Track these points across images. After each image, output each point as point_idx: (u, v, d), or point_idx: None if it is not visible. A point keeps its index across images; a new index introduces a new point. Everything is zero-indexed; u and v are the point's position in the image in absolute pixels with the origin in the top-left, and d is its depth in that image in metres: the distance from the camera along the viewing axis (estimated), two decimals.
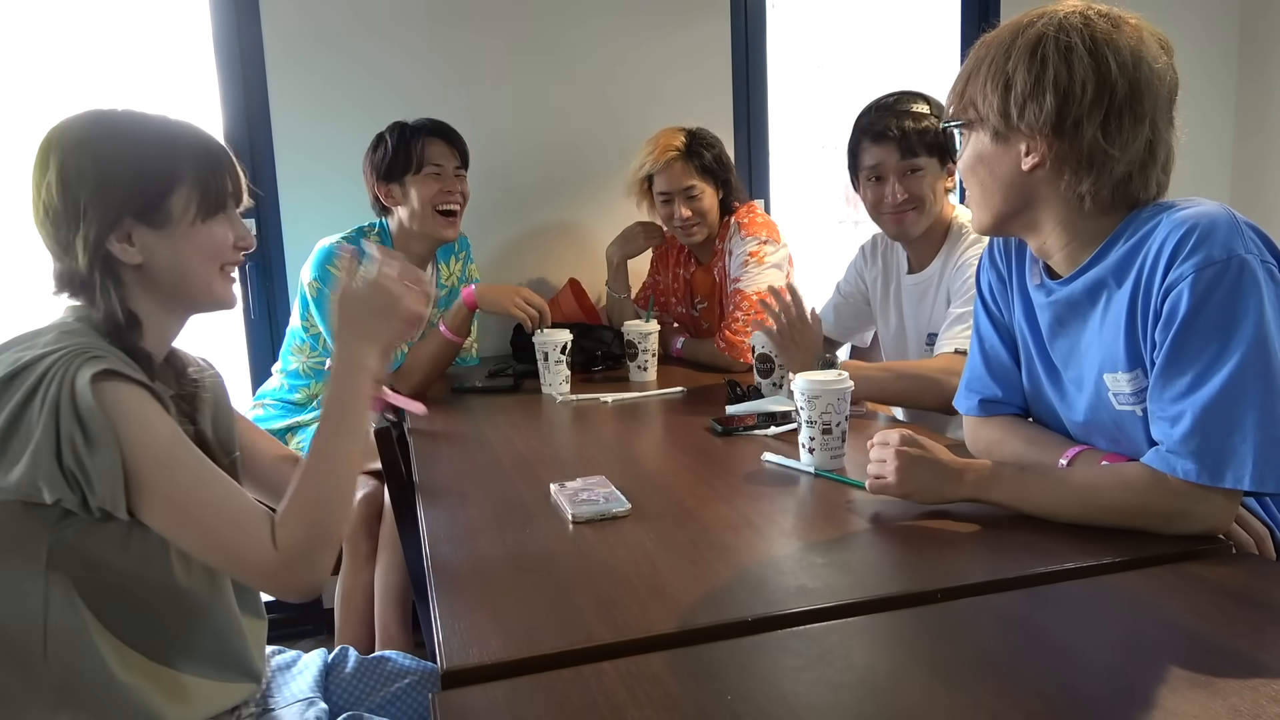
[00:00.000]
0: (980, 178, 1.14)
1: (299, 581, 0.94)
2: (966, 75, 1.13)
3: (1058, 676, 0.76)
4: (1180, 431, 0.99)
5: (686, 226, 2.27)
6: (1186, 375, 0.99)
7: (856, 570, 1.00)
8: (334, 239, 2.07)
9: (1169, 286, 0.99)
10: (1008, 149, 1.10)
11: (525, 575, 1.02)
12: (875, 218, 1.82)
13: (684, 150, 2.26)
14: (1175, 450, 0.99)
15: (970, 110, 1.12)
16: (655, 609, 0.91)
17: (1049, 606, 0.90)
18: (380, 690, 1.21)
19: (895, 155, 1.74)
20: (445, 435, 1.72)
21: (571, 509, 1.17)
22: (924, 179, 1.74)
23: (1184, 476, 0.98)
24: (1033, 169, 1.08)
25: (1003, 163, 1.11)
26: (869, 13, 3.27)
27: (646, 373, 2.08)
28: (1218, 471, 0.96)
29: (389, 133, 2.11)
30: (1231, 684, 0.73)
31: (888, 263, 1.96)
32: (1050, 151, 1.06)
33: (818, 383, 1.33)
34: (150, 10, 2.43)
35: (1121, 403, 1.10)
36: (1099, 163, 1.05)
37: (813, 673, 0.78)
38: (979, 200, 1.16)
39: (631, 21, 2.61)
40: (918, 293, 1.86)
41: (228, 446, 1.14)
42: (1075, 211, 1.09)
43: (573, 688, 0.76)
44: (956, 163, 1.20)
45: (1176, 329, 0.99)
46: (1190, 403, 0.98)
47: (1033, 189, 1.10)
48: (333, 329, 1.07)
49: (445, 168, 2.10)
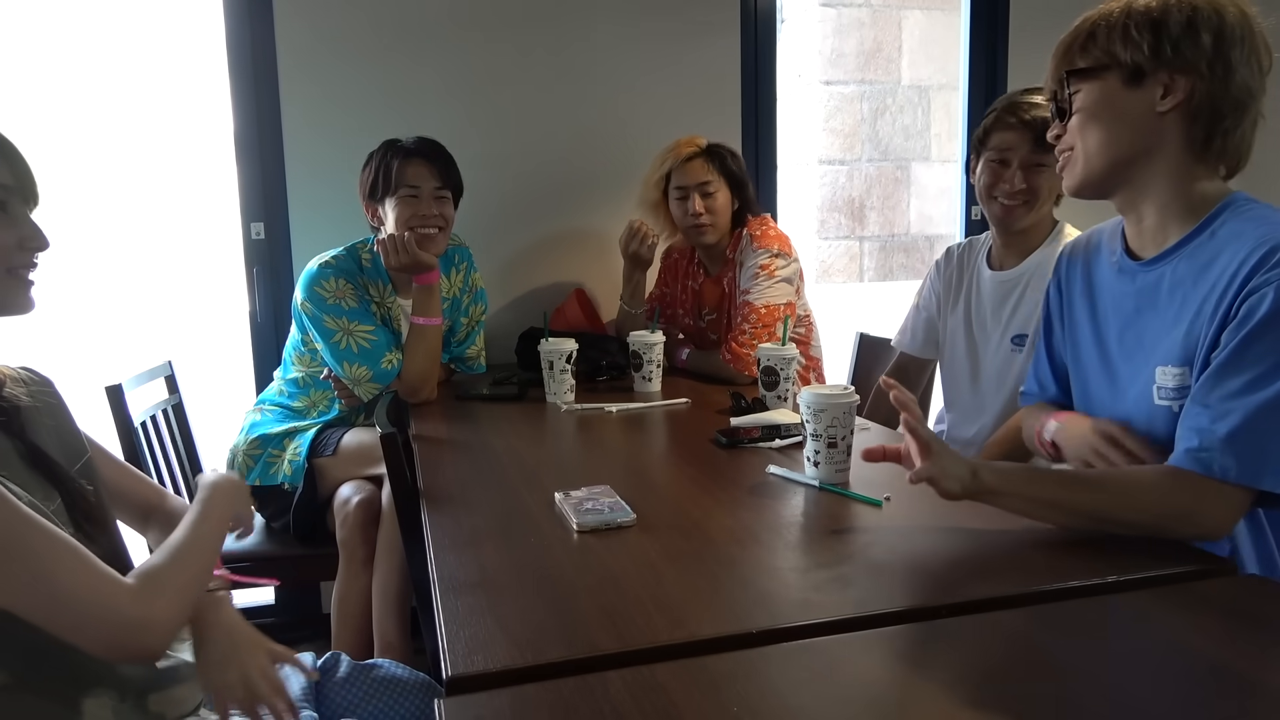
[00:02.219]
0: (1104, 122, 1.14)
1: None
2: (1088, 32, 1.14)
3: (1062, 694, 0.75)
4: (1226, 428, 1.00)
5: (698, 223, 2.27)
6: (1244, 376, 1.01)
7: (861, 585, 1.00)
8: (325, 256, 2.07)
9: (1251, 290, 1.02)
10: (1141, 93, 1.12)
11: (529, 583, 1.02)
12: (985, 201, 1.82)
13: (704, 149, 2.28)
14: (1213, 447, 1.01)
15: (1104, 56, 1.13)
16: (660, 619, 0.91)
17: (1053, 625, 0.90)
18: (373, 700, 1.20)
19: (1028, 144, 1.73)
20: (450, 442, 1.72)
21: (576, 518, 1.18)
22: (1044, 174, 1.74)
23: (1220, 475, 1.00)
24: (1170, 109, 1.10)
25: (1134, 105, 1.12)
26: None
27: (651, 383, 2.08)
28: (1258, 474, 0.99)
29: (377, 151, 2.10)
30: (1236, 705, 0.73)
31: (963, 264, 1.96)
32: (1194, 90, 1.09)
33: (823, 396, 1.34)
34: (165, 17, 2.45)
35: (1162, 397, 1.12)
36: (1242, 104, 1.09)
37: (819, 686, 0.78)
38: (1097, 147, 1.16)
39: (642, 35, 2.62)
40: (1002, 290, 1.84)
41: (72, 455, 1.10)
42: (1189, 163, 1.12)
43: (578, 696, 0.76)
44: (1064, 124, 1.19)
45: (1248, 331, 1.01)
46: (1243, 403, 1.00)
47: (1159, 134, 1.12)
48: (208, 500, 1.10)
49: (422, 189, 2.05)
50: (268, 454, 2.06)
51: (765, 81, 2.78)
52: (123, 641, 0.90)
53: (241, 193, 2.44)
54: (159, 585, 0.94)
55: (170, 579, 0.96)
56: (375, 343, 2.01)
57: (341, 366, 2.00)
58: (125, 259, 4.46)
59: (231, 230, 2.48)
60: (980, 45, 2.96)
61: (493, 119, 2.54)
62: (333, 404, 2.10)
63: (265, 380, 2.40)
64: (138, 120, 3.56)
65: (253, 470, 2.06)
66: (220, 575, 1.13)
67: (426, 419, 1.91)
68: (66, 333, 4.62)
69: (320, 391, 2.11)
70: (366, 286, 2.09)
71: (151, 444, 2.04)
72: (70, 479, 1.05)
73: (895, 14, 5.30)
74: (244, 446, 2.08)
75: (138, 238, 4.37)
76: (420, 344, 2.04)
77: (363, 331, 2.01)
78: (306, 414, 2.12)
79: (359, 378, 2.00)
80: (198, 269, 4.23)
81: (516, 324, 2.50)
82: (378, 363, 2.00)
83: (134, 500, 1.20)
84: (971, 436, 1.88)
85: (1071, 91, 1.17)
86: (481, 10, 2.51)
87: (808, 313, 2.39)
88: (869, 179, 5.34)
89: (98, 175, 4.00)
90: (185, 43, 2.32)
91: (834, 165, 5.39)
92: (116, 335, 4.56)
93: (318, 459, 2.00)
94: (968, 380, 1.92)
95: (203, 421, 2.35)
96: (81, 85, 2.16)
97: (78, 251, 4.20)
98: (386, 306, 2.11)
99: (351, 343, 1.99)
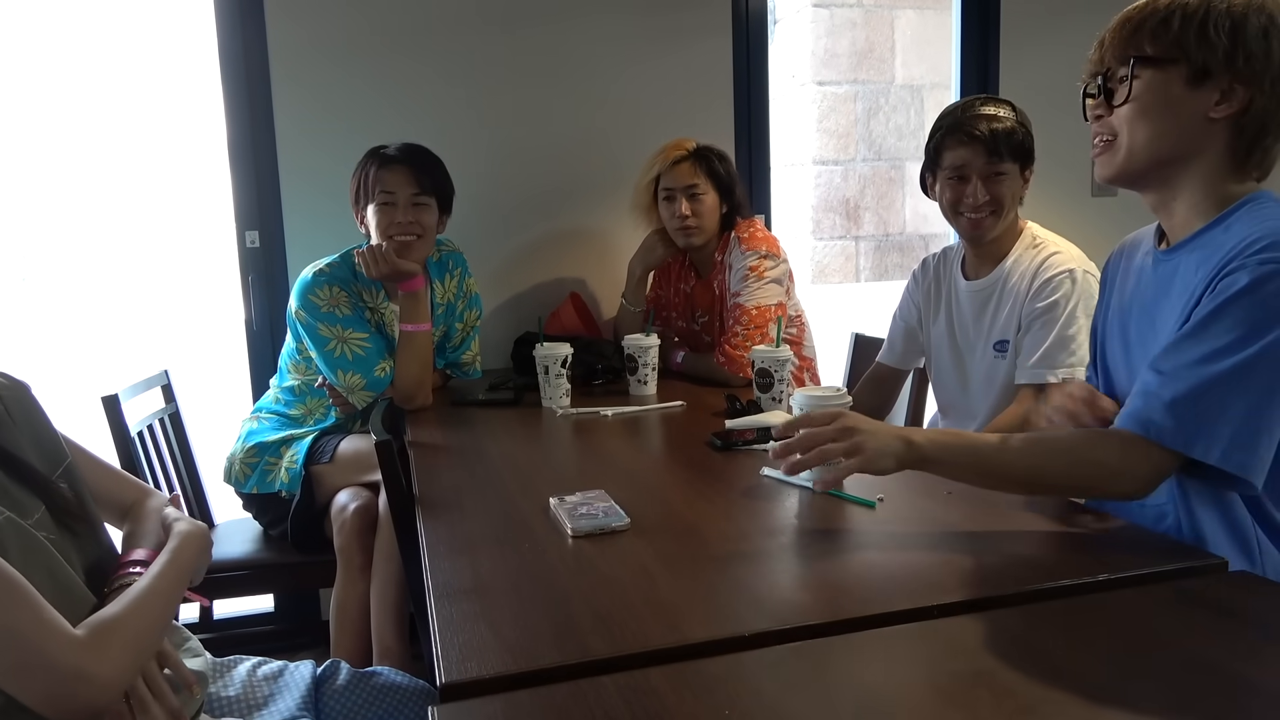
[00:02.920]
0: (1158, 118, 1.13)
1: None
2: (1163, 16, 1.11)
3: (1054, 693, 0.76)
4: (1171, 393, 1.02)
5: (685, 226, 2.28)
6: (1203, 348, 1.03)
7: (854, 586, 1.01)
8: (319, 264, 2.07)
9: (1229, 271, 1.04)
10: (1200, 94, 1.10)
11: (524, 589, 1.02)
12: (952, 217, 1.83)
13: (692, 152, 2.29)
14: (1154, 409, 1.03)
15: (1175, 48, 1.10)
16: (654, 623, 0.91)
17: (1045, 624, 0.90)
18: (372, 707, 1.20)
19: (982, 157, 1.75)
20: (445, 448, 1.72)
21: (570, 523, 1.18)
22: (1005, 182, 1.75)
23: (1155, 436, 1.02)
24: (1222, 117, 1.10)
25: (1189, 106, 1.11)
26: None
27: (646, 386, 2.08)
28: (1190, 441, 1.01)
29: (363, 159, 2.09)
30: (1226, 703, 0.74)
31: (940, 275, 1.97)
32: (1251, 103, 1.09)
33: (817, 398, 1.34)
34: (157, 25, 2.46)
35: None
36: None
37: (810, 689, 0.79)
38: (1143, 142, 1.14)
39: (636, 36, 2.63)
40: (979, 300, 1.86)
41: (52, 460, 1.09)
42: (1228, 170, 1.13)
43: (571, 701, 0.77)
44: (1111, 107, 1.16)
45: (1215, 306, 1.03)
46: (1196, 372, 1.02)
47: (1205, 138, 1.12)
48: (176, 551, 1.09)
49: (398, 195, 2.02)
50: (265, 461, 2.06)
51: (758, 82, 2.79)
52: (60, 693, 0.86)
53: (236, 201, 2.44)
54: (107, 636, 0.91)
55: (121, 630, 0.93)
56: (369, 350, 2.01)
57: (336, 374, 2.00)
58: (121, 268, 4.47)
59: (226, 238, 2.48)
60: (972, 44, 2.97)
61: (486, 123, 2.55)
62: (329, 411, 2.11)
63: (261, 388, 2.40)
64: (133, 129, 3.58)
65: (250, 478, 2.07)
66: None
67: (422, 425, 1.92)
68: (63, 342, 4.62)
69: (316, 399, 2.12)
70: (360, 293, 2.09)
71: (149, 453, 2.05)
72: (50, 484, 1.04)
73: (887, 14, 5.31)
74: (241, 454, 2.08)
75: (133, 247, 4.38)
76: (411, 351, 2.04)
77: (357, 339, 2.01)
78: (303, 422, 2.12)
79: (353, 385, 2.00)
80: (193, 277, 4.24)
81: (512, 329, 2.50)
82: (371, 370, 2.00)
83: (115, 501, 1.18)
84: None
85: (1133, 76, 1.13)
86: (473, 14, 2.51)
87: (799, 313, 2.40)
88: (863, 179, 5.35)
89: (93, 185, 4.02)
90: (178, 51, 2.34)
91: (828, 165, 5.40)
92: (112, 344, 4.56)
93: (315, 466, 2.00)
94: (957, 387, 1.94)
95: (199, 430, 2.35)
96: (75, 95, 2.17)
97: (74, 261, 4.21)
98: (381, 313, 2.11)
99: (346, 350, 2.00)
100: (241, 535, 2.15)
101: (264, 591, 2.22)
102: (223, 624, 2.51)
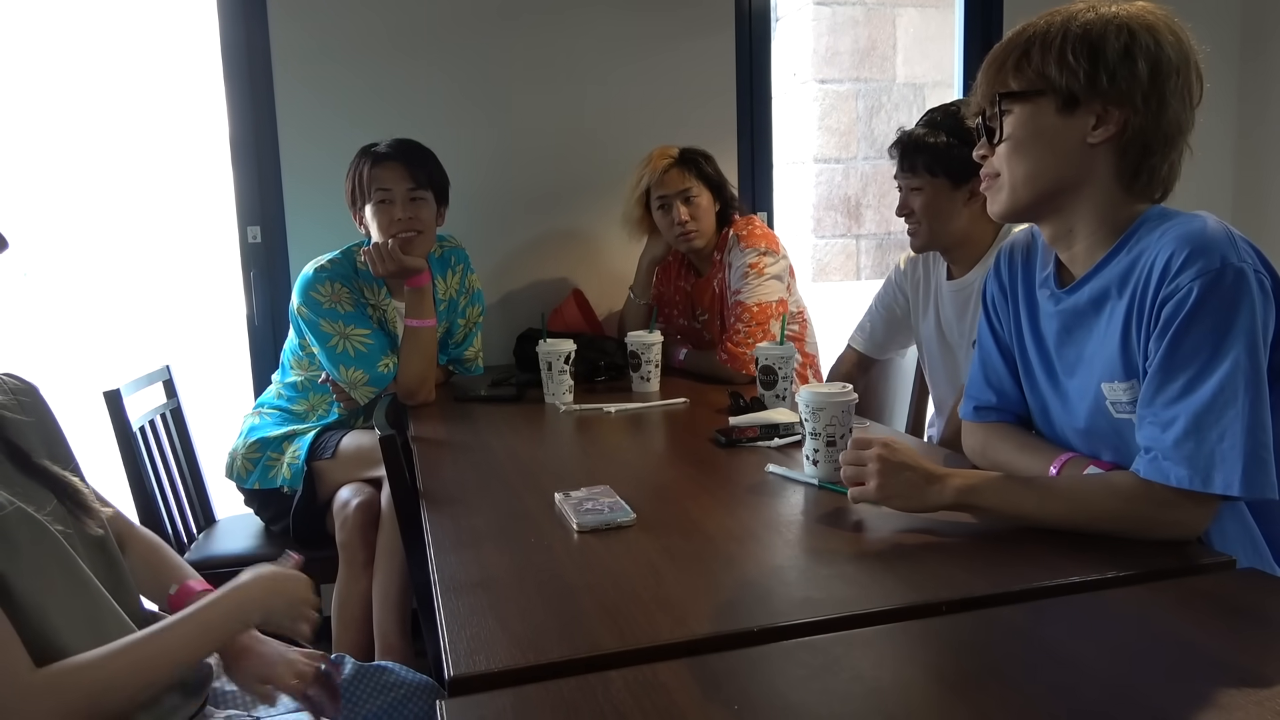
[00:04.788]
0: (1034, 153, 1.11)
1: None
2: (1022, 48, 1.09)
3: (1063, 689, 0.76)
4: (1173, 436, 1.00)
5: (685, 231, 2.28)
6: (1179, 380, 1.01)
7: (861, 582, 1.00)
8: (321, 260, 2.07)
9: (1166, 297, 1.02)
10: (1074, 121, 1.08)
11: (530, 583, 1.02)
12: None
13: (678, 158, 2.29)
14: (1168, 456, 1.01)
15: (1039, 79, 1.08)
16: (661, 618, 0.91)
17: (1054, 620, 0.90)
18: (376, 700, 1.20)
19: (900, 169, 1.76)
20: (449, 444, 1.72)
21: (576, 518, 1.18)
22: (923, 196, 1.75)
23: (1176, 483, 1.00)
24: (1101, 142, 1.08)
25: (1065, 135, 1.09)
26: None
27: (649, 383, 2.08)
28: (1208, 477, 0.99)
29: (355, 159, 2.07)
30: (1236, 697, 0.73)
31: (926, 269, 1.97)
32: (1127, 123, 1.06)
33: (822, 395, 1.34)
34: (159, 21, 2.45)
35: (1119, 411, 1.12)
36: (1171, 139, 1.07)
37: (819, 683, 0.78)
38: (1024, 178, 1.12)
39: (638, 34, 2.62)
40: (960, 300, 1.85)
41: (59, 458, 1.08)
42: (1119, 194, 1.10)
43: (579, 695, 0.76)
44: (992, 146, 1.14)
45: (1172, 334, 1.01)
46: (1183, 407, 1.00)
47: (1089, 165, 1.10)
48: (242, 587, 1.09)
49: (394, 192, 2.00)
50: (267, 457, 2.06)
51: (760, 80, 2.78)
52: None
53: (238, 197, 2.44)
54: (67, 687, 0.89)
55: (88, 682, 0.91)
56: (371, 346, 2.01)
57: (338, 370, 2.00)
58: (122, 263, 4.47)
59: (228, 234, 2.48)
60: (974, 42, 2.97)
61: (488, 120, 2.54)
62: (331, 407, 2.10)
63: (262, 384, 2.40)
64: (135, 125, 3.58)
65: (252, 473, 2.06)
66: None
67: (425, 421, 1.91)
68: (64, 337, 4.62)
69: (319, 395, 2.11)
70: (362, 290, 2.09)
71: (150, 449, 2.04)
72: (62, 477, 1.04)
73: (889, 12, 5.31)
74: (243, 450, 2.08)
75: (135, 242, 4.38)
76: (415, 346, 2.03)
77: (359, 335, 2.01)
78: (305, 417, 2.12)
79: (355, 381, 2.00)
80: (194, 273, 4.24)
81: (513, 325, 2.50)
82: (374, 366, 2.00)
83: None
84: None
85: (1002, 112, 1.12)
86: (475, 12, 2.51)
87: (801, 309, 2.40)
88: (865, 177, 5.35)
89: (94, 180, 4.02)
90: (180, 47, 2.33)
91: (830, 164, 5.40)
92: (113, 339, 4.56)
93: (317, 462, 2.00)
94: (950, 387, 1.93)
95: (200, 425, 2.34)
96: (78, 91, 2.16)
97: (75, 256, 4.20)
98: (382, 310, 2.11)
99: (348, 346, 1.99)
100: (243, 531, 2.14)
101: None
102: None
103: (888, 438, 1.17)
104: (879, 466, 1.12)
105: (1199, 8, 3.02)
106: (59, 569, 0.98)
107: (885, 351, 2.14)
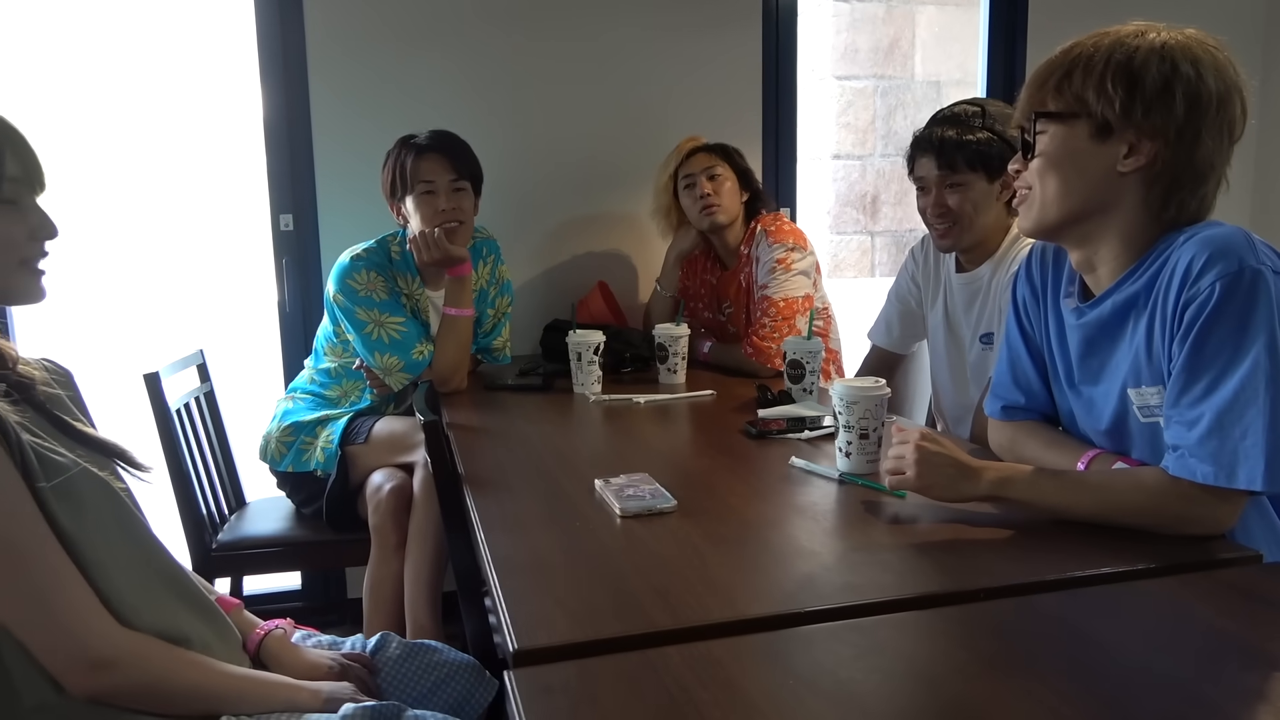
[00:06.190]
0: (1064, 174, 1.13)
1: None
2: (1065, 70, 1.11)
3: (1100, 671, 0.79)
4: (1198, 434, 1.03)
5: (708, 204, 2.29)
6: (1203, 379, 1.04)
7: (898, 569, 1.04)
8: (357, 249, 2.11)
9: (1188, 300, 1.05)
10: (1106, 148, 1.10)
11: (580, 565, 1.06)
12: (927, 228, 1.85)
13: (706, 144, 2.35)
14: (1194, 453, 1.04)
15: (1076, 103, 1.10)
16: (710, 599, 0.94)
17: (1088, 608, 0.93)
18: (425, 678, 1.24)
19: (934, 167, 1.76)
20: (484, 430, 1.76)
21: (619, 504, 1.21)
22: (959, 192, 1.75)
23: (1202, 480, 1.03)
24: (1131, 171, 1.10)
25: (1097, 161, 1.11)
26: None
27: (676, 375, 2.11)
28: (1232, 473, 1.01)
29: (393, 149, 2.12)
30: (1267, 682, 0.77)
31: (936, 260, 1.98)
32: (1158, 155, 1.08)
33: (856, 388, 1.37)
34: (195, 9, 2.48)
35: (1147, 415, 1.15)
36: (1202, 175, 1.09)
37: (866, 662, 0.82)
38: (1054, 197, 1.14)
39: (664, 28, 2.65)
40: (968, 293, 1.87)
41: None
42: (1145, 222, 1.12)
43: (640, 669, 0.80)
44: (1027, 161, 1.17)
45: (1195, 336, 1.04)
46: (1208, 405, 1.03)
47: (1117, 193, 1.12)
48: (315, 696, 1.09)
49: (438, 183, 2.05)
50: (300, 441, 2.10)
51: (785, 75, 2.80)
52: (78, 671, 0.94)
53: (271, 184, 2.48)
54: (150, 655, 0.98)
55: (159, 669, 0.98)
56: (406, 334, 2.04)
57: (373, 357, 2.04)
58: (156, 249, 4.52)
59: (261, 222, 2.51)
60: (999, 40, 2.98)
61: (518, 112, 2.57)
62: (364, 393, 2.14)
63: (293, 369, 2.44)
64: (170, 113, 3.61)
65: (285, 457, 2.11)
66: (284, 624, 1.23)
67: (457, 408, 1.95)
68: (98, 322, 4.67)
69: (352, 381, 2.15)
70: (396, 279, 2.13)
71: (185, 431, 2.08)
72: (109, 440, 1.08)
73: (910, 9, 5.31)
74: (277, 433, 2.12)
75: (169, 229, 4.43)
76: (452, 334, 2.07)
77: (394, 323, 2.04)
78: (339, 403, 2.16)
79: (390, 367, 2.04)
80: (227, 260, 4.27)
81: (539, 316, 2.54)
82: (409, 353, 2.04)
83: None
84: (965, 432, 1.92)
85: (1038, 131, 1.14)
86: (504, 5, 2.53)
87: (825, 305, 2.42)
88: (882, 174, 5.36)
89: (130, 168, 4.05)
90: (216, 35, 2.35)
91: (847, 160, 5.40)
92: (147, 324, 4.61)
93: (350, 446, 2.04)
94: (955, 379, 1.94)
95: (232, 409, 2.39)
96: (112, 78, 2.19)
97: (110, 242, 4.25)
98: (415, 299, 2.15)
99: (383, 334, 2.03)
100: (275, 513, 2.19)
101: (295, 569, 2.26)
102: (251, 600, 2.53)
103: (927, 429, 1.20)
104: (918, 456, 1.16)
105: (1221, 15, 3.06)
106: (119, 528, 1.03)
107: (906, 345, 2.15)
